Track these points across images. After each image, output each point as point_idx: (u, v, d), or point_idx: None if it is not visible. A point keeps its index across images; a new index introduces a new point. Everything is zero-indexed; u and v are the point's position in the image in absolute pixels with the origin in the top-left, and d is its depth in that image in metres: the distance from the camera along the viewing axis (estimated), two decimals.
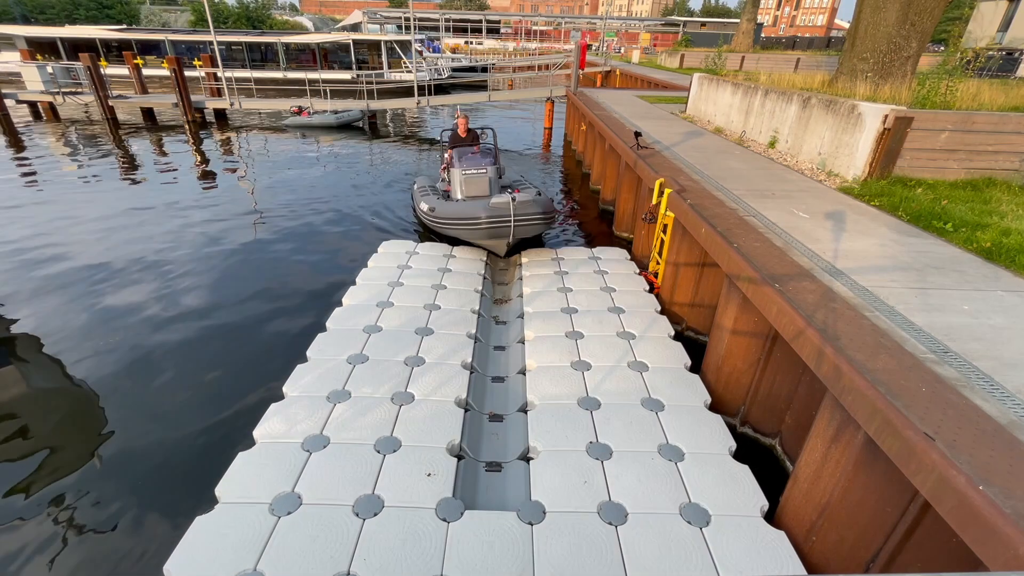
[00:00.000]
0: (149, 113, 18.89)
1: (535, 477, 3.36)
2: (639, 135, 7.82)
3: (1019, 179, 5.65)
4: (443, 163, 8.78)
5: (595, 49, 51.06)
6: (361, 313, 5.34)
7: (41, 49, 28.62)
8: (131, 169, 12.23)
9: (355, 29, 42.78)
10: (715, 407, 4.19)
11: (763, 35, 42.32)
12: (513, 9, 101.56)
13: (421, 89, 18.56)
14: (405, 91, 21.15)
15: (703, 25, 53.69)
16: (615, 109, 12.22)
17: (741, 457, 3.58)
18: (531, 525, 3.00)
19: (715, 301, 4.86)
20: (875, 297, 3.27)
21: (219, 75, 18.39)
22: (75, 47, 28.81)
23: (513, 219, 6.39)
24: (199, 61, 20.84)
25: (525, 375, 4.54)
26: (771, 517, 3.25)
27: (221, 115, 19.21)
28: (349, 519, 2.98)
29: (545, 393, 4.20)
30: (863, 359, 2.56)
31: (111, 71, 21.58)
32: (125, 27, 35.48)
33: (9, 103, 17.61)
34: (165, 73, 18.67)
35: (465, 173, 7.47)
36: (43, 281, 6.53)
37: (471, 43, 57.28)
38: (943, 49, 24.19)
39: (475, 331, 5.17)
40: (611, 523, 3.01)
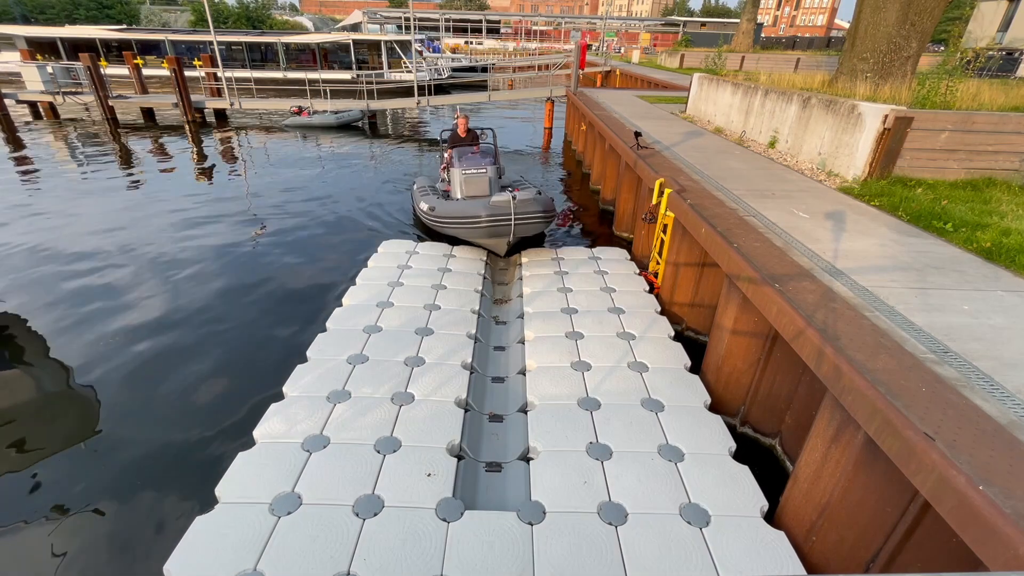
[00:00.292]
0: (149, 113, 18.89)
1: (535, 477, 3.36)
2: (639, 135, 7.82)
3: (1019, 179, 5.65)
4: (443, 163, 8.79)
5: (595, 49, 51.07)
6: (361, 313, 5.34)
7: (41, 49, 28.63)
8: (131, 169, 12.23)
9: (355, 29, 42.78)
10: (715, 407, 4.19)
11: (763, 35, 42.33)
12: (513, 9, 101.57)
13: (421, 89, 18.56)
14: (405, 91, 21.15)
15: (703, 25, 53.69)
16: (615, 109, 12.22)
17: (741, 457, 3.58)
18: (531, 525, 3.00)
19: (715, 301, 4.86)
20: (875, 297, 3.27)
21: (219, 75, 18.39)
22: (75, 47, 28.82)
23: (514, 218, 6.39)
24: (199, 61, 20.83)
25: (525, 375, 4.54)
26: (771, 517, 3.25)
27: (221, 115, 19.21)
28: (349, 519, 2.98)
29: (545, 393, 4.20)
30: (863, 359, 2.56)
31: (111, 71, 21.57)
32: (125, 27, 35.49)
33: (9, 103, 17.61)
34: (165, 73, 18.65)
35: (465, 173, 7.47)
36: (41, 281, 6.53)
37: (471, 43, 57.28)
38: (943, 49, 24.19)
39: (475, 331, 5.17)
40: (611, 523, 3.01)
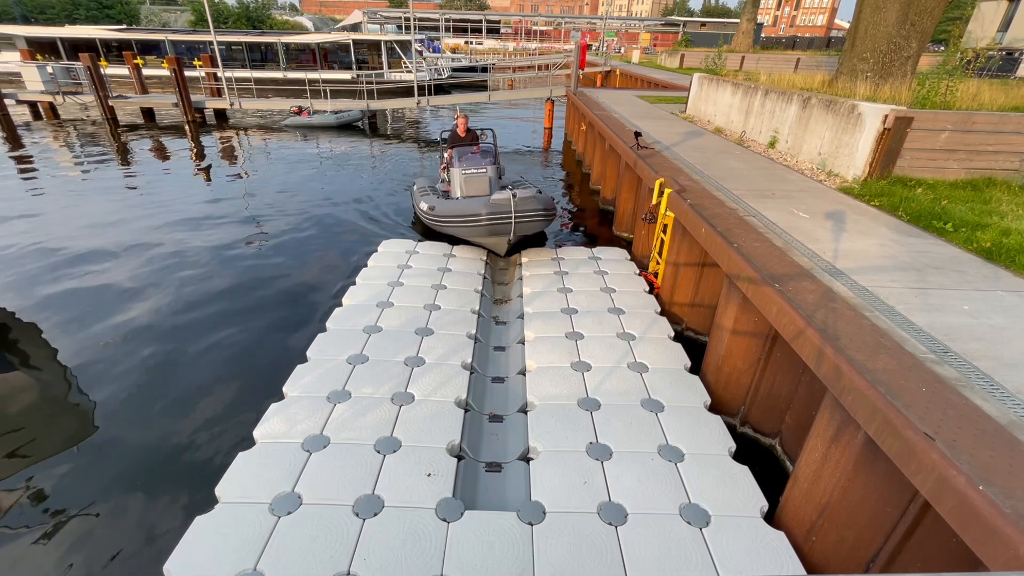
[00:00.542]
0: (149, 113, 18.89)
1: (535, 477, 3.36)
2: (639, 135, 7.82)
3: (1019, 179, 5.65)
4: (442, 163, 8.79)
5: (595, 49, 51.07)
6: (361, 313, 5.34)
7: (41, 49, 28.61)
8: (131, 169, 12.22)
9: (355, 29, 42.77)
10: (715, 407, 4.20)
11: (763, 35, 42.33)
12: (513, 9, 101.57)
13: (421, 89, 18.56)
14: (405, 91, 21.16)
15: (703, 25, 53.70)
16: (615, 109, 12.22)
17: (741, 457, 3.58)
18: (531, 525, 3.00)
19: (715, 301, 4.86)
20: (875, 297, 3.27)
21: (219, 75, 18.39)
22: (75, 47, 28.82)
23: (514, 216, 6.37)
24: (199, 61, 20.82)
25: (525, 375, 4.53)
26: (771, 517, 3.25)
27: (221, 115, 19.21)
28: (349, 519, 2.98)
29: (545, 394, 4.20)
30: (863, 359, 2.56)
31: (111, 71, 21.57)
32: (125, 27, 35.49)
33: (9, 103, 17.61)
34: (165, 73, 18.66)
35: (465, 172, 7.46)
36: (41, 281, 6.53)
37: (471, 43, 57.29)
38: (943, 49, 24.19)
39: (475, 331, 5.17)
40: (611, 523, 3.01)
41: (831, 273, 3.60)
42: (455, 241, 7.42)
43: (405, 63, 30.67)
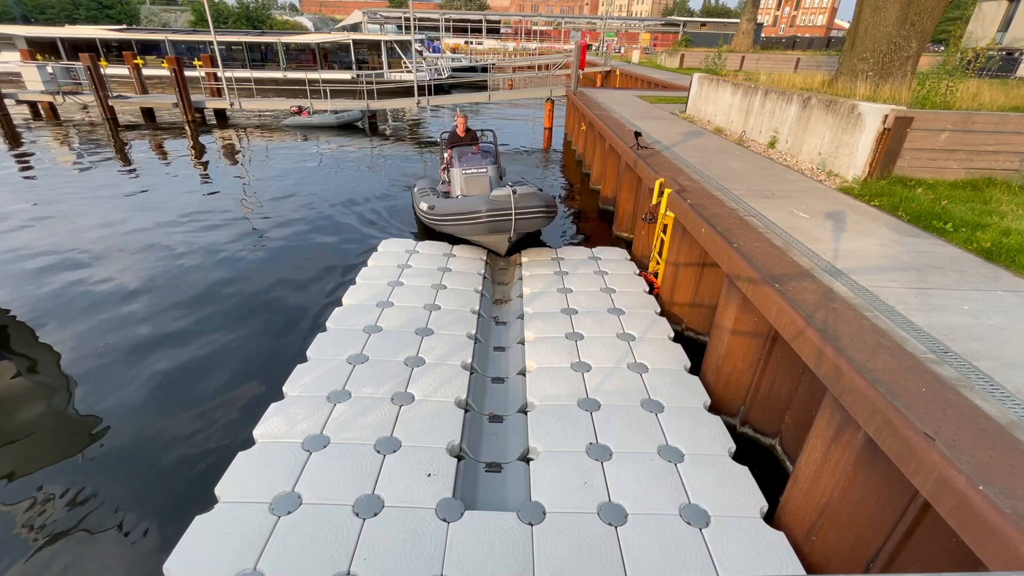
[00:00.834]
0: (149, 113, 18.89)
1: (535, 478, 3.36)
2: (639, 135, 7.82)
3: (1019, 179, 5.65)
4: (443, 163, 8.78)
5: (595, 49, 51.07)
6: (361, 313, 5.34)
7: (41, 49, 28.63)
8: (130, 169, 12.22)
9: (355, 29, 42.78)
10: (715, 407, 4.20)
11: (763, 35, 42.32)
12: (513, 9, 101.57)
13: (421, 89, 18.56)
14: (405, 91, 21.15)
15: (703, 25, 53.70)
16: (615, 109, 12.22)
17: (741, 457, 3.58)
18: (531, 526, 3.00)
19: (715, 301, 4.86)
20: (875, 297, 3.27)
21: (219, 75, 18.38)
22: (75, 47, 28.84)
23: (514, 212, 6.34)
24: (199, 61, 20.82)
25: (525, 376, 4.53)
26: (771, 517, 3.25)
27: (221, 115, 19.21)
28: (349, 519, 2.98)
29: (545, 394, 4.20)
30: (863, 359, 2.56)
31: (111, 71, 21.54)
32: (125, 27, 35.52)
33: (9, 103, 17.61)
34: (165, 73, 18.65)
35: (465, 172, 7.46)
36: (40, 280, 6.52)
37: (471, 43, 57.30)
38: (943, 49, 24.20)
39: (475, 331, 5.17)
40: (611, 524, 3.01)
41: (831, 273, 3.60)
42: (455, 241, 7.41)
43: (405, 63, 30.68)
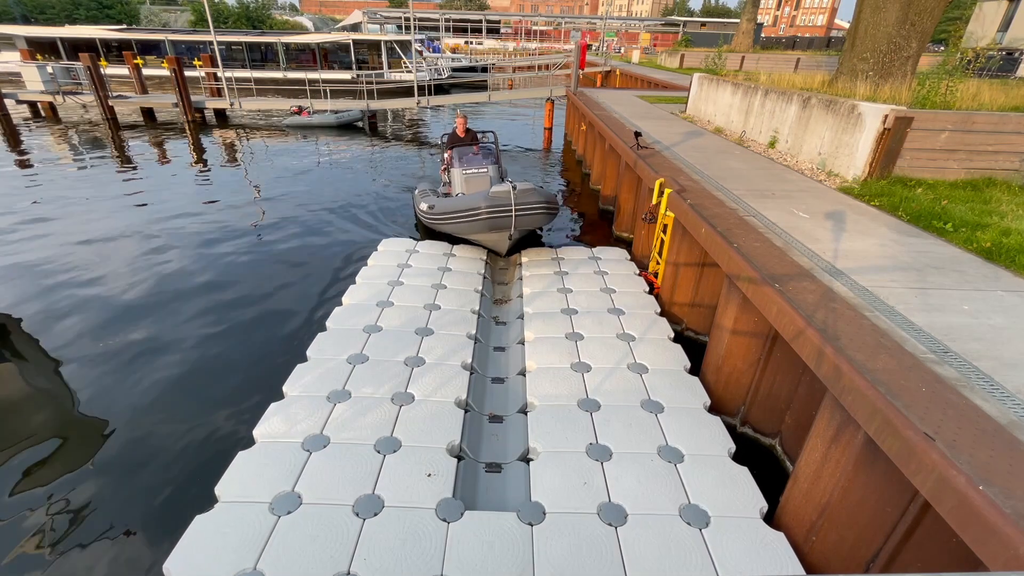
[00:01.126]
0: (149, 113, 18.89)
1: (535, 478, 3.36)
2: (639, 135, 7.82)
3: (1019, 179, 5.65)
4: (443, 164, 8.77)
5: (595, 49, 51.07)
6: (361, 313, 5.34)
7: (41, 49, 28.64)
8: (130, 169, 12.22)
9: (355, 29, 42.78)
10: (715, 407, 4.20)
11: (763, 35, 42.31)
12: (513, 9, 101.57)
13: (421, 89, 18.55)
14: (405, 91, 21.15)
15: (703, 25, 53.70)
16: (615, 109, 12.22)
17: (741, 458, 3.58)
18: (531, 526, 3.00)
19: (715, 301, 4.86)
20: (875, 297, 3.27)
21: (219, 75, 18.38)
22: (75, 47, 28.85)
23: (514, 209, 6.27)
24: (199, 61, 20.80)
25: (525, 376, 4.53)
26: (771, 518, 3.25)
27: (221, 115, 19.21)
28: (349, 519, 2.98)
29: (545, 394, 4.20)
30: (863, 359, 2.56)
31: (111, 71, 21.55)
32: (125, 27, 35.53)
33: (9, 103, 17.61)
34: (165, 73, 18.66)
35: (466, 172, 7.45)
36: (40, 280, 6.52)
37: (471, 43, 57.30)
38: (943, 49, 24.20)
39: (475, 331, 5.17)
40: (611, 524, 3.01)
41: (831, 273, 3.60)
42: (455, 240, 7.41)
43: (405, 63, 30.68)
